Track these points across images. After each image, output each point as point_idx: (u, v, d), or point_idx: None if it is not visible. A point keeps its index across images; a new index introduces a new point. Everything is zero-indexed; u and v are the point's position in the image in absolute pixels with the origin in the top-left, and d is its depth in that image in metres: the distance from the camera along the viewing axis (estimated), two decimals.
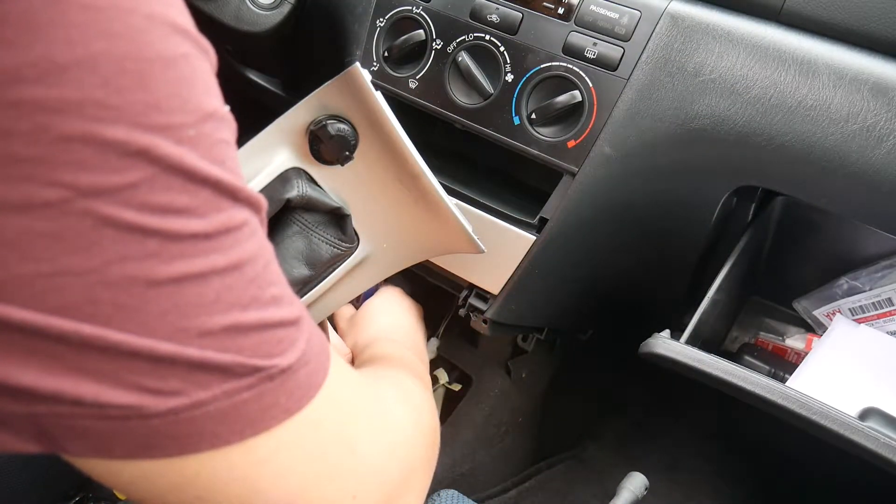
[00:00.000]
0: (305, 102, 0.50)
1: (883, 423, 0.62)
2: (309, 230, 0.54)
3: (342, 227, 0.55)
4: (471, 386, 0.98)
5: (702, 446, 1.16)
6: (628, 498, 0.73)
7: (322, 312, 0.60)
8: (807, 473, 1.11)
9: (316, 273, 0.56)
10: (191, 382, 0.31)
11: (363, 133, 0.52)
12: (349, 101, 0.50)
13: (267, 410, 0.33)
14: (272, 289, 0.34)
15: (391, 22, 0.77)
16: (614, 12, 0.68)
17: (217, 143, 0.32)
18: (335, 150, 0.52)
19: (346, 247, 0.56)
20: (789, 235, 0.86)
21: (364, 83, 0.50)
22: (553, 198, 0.73)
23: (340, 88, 0.50)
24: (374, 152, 0.53)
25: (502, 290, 0.80)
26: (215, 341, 0.31)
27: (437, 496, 0.67)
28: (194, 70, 0.31)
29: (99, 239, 0.28)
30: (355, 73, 0.49)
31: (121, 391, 0.29)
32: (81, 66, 0.27)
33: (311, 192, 0.52)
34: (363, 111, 0.51)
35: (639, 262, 0.86)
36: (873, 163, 0.61)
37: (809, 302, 0.88)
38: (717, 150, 0.67)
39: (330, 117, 0.51)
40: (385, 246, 0.58)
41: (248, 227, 0.33)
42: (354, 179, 0.54)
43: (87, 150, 0.27)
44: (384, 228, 0.57)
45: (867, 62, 0.62)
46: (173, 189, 0.29)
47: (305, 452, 0.36)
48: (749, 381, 0.62)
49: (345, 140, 0.51)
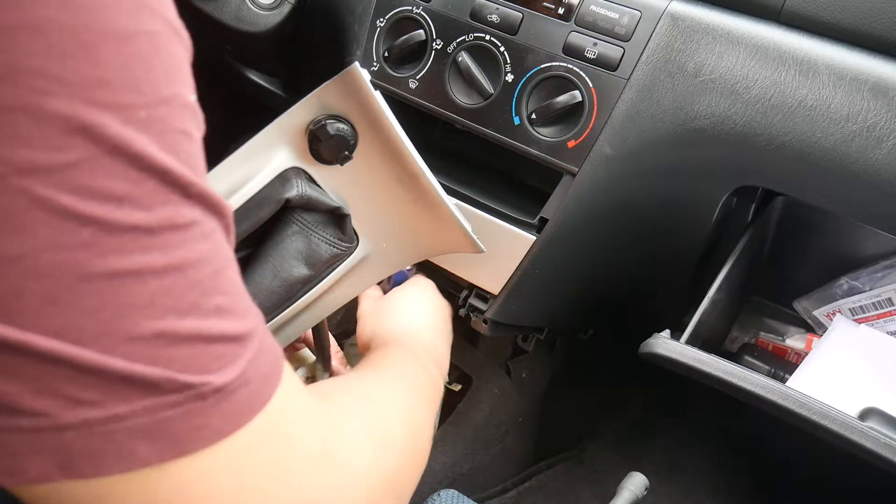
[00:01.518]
0: (305, 102, 0.50)
1: (883, 423, 0.62)
2: (308, 230, 0.54)
3: (341, 227, 0.55)
4: (471, 386, 0.98)
5: (702, 446, 1.16)
6: (628, 498, 0.73)
7: (321, 312, 0.60)
8: (807, 473, 1.11)
9: (315, 272, 0.56)
10: (110, 393, 0.28)
11: (362, 133, 0.52)
12: (348, 100, 0.50)
13: (194, 431, 0.30)
14: (219, 298, 0.31)
15: (391, 22, 0.77)
16: (614, 12, 0.68)
17: (172, 132, 0.29)
18: (334, 150, 0.52)
19: (345, 246, 0.56)
20: (789, 235, 0.86)
21: (363, 83, 0.49)
22: (553, 198, 0.73)
23: (340, 88, 0.50)
24: (374, 152, 0.53)
25: (502, 290, 0.80)
26: (144, 348, 0.28)
27: (437, 496, 0.67)
28: (157, 50, 0.28)
29: (32, 222, 0.26)
30: (354, 73, 0.49)
31: (37, 395, 0.27)
32: (26, 30, 0.25)
33: (311, 191, 0.52)
34: (362, 111, 0.51)
35: (639, 262, 0.86)
36: (873, 163, 0.61)
37: (809, 302, 0.88)
38: (717, 150, 0.67)
39: (329, 117, 0.51)
40: (385, 246, 0.58)
41: (200, 227, 0.30)
42: (354, 179, 0.54)
43: (27, 122, 0.25)
44: (384, 228, 0.57)
45: (867, 62, 0.62)
46: (116, 174, 0.27)
47: (234, 482, 0.32)
48: (749, 381, 0.62)
49: (344, 140, 0.51)
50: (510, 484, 1.03)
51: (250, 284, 0.54)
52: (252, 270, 0.54)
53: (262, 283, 0.54)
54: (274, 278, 0.54)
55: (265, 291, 0.54)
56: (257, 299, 0.54)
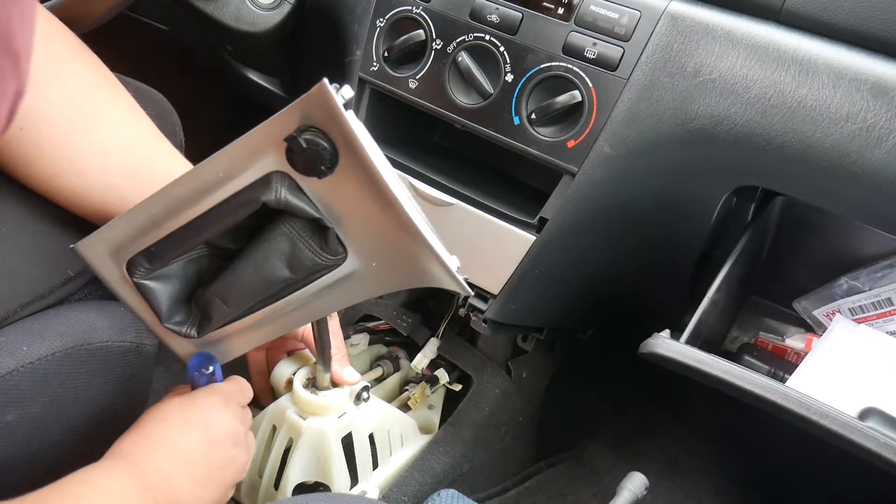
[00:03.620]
0: (287, 110, 0.49)
1: (883, 423, 0.62)
2: (295, 234, 0.54)
3: (325, 238, 0.54)
4: (471, 386, 0.97)
5: (702, 446, 1.16)
6: (628, 498, 0.73)
7: (309, 317, 0.60)
8: (806, 473, 1.11)
9: (297, 277, 0.56)
10: None
11: (342, 150, 0.50)
12: (322, 116, 0.48)
13: None
14: None
15: (391, 22, 0.77)
16: (614, 12, 0.68)
17: None
18: (308, 163, 0.50)
19: (326, 258, 0.55)
20: (789, 235, 0.86)
21: (333, 102, 0.47)
22: (553, 198, 0.73)
23: (311, 104, 0.48)
24: (351, 172, 0.51)
25: (502, 290, 0.80)
26: None
27: (437, 496, 0.67)
28: None
29: None
30: (323, 90, 0.46)
31: None
32: None
33: (290, 198, 0.51)
34: (336, 129, 0.49)
35: (639, 262, 0.86)
36: (873, 163, 0.61)
37: (809, 302, 0.88)
38: (716, 150, 0.67)
39: (306, 129, 0.49)
40: (375, 265, 0.56)
41: None
42: (338, 193, 0.52)
43: None
44: (374, 247, 0.55)
45: (867, 62, 0.62)
46: None
47: None
48: (749, 381, 0.62)
49: (317, 154, 0.49)
50: (510, 484, 1.03)
51: (233, 274, 0.56)
52: (237, 262, 0.56)
53: (244, 275, 0.56)
54: (255, 272, 0.55)
55: (245, 283, 0.56)
56: (237, 289, 0.56)
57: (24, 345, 0.57)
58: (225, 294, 0.57)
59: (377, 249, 0.55)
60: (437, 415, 0.95)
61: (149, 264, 0.56)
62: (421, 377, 0.95)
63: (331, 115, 0.48)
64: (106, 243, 0.56)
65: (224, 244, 0.57)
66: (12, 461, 0.57)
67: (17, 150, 0.58)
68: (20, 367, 0.56)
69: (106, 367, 0.62)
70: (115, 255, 0.56)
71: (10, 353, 0.56)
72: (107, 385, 0.63)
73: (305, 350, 0.75)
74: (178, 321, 0.59)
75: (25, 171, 0.60)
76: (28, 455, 0.58)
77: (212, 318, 0.58)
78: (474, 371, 0.98)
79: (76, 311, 0.62)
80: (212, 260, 0.58)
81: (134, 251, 0.56)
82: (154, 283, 0.57)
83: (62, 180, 0.60)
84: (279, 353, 0.76)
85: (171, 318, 0.59)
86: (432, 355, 0.95)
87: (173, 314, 0.59)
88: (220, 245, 0.57)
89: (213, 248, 0.58)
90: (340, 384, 0.71)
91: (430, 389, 0.93)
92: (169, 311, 0.59)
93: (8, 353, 0.56)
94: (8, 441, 0.56)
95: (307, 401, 0.69)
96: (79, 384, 0.60)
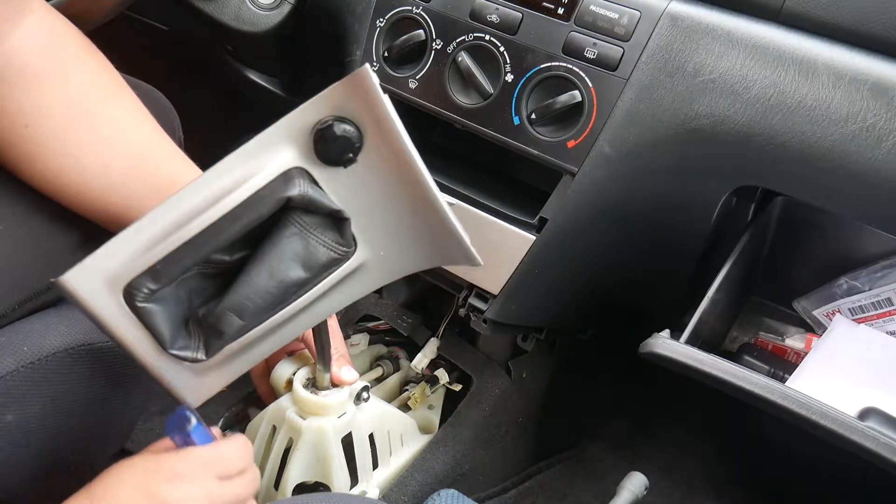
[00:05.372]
0: (314, 101, 0.50)
1: (882, 423, 0.62)
2: (307, 232, 0.54)
3: (341, 231, 0.55)
4: (471, 386, 0.97)
5: (702, 446, 1.16)
6: (628, 498, 0.73)
7: (314, 318, 0.60)
8: (806, 473, 1.11)
9: (311, 276, 0.55)
10: None
11: (368, 136, 0.52)
12: (356, 103, 0.50)
13: None
14: None
15: (391, 22, 0.77)
16: (614, 12, 0.68)
17: None
18: (339, 152, 0.52)
19: (343, 251, 0.56)
20: (789, 235, 0.86)
21: (373, 86, 0.49)
22: (553, 198, 0.74)
23: (349, 90, 0.50)
24: (378, 156, 0.53)
25: (502, 290, 0.80)
26: None
27: (437, 496, 0.67)
28: None
29: None
30: (365, 75, 0.49)
31: None
32: None
33: (312, 192, 0.52)
34: (370, 114, 0.51)
35: (639, 262, 0.86)
36: (873, 163, 0.61)
37: (809, 302, 0.88)
38: (716, 150, 0.67)
39: (337, 118, 0.51)
40: (382, 254, 0.58)
41: None
42: (357, 183, 0.54)
43: None
44: (383, 235, 0.57)
45: (867, 62, 0.62)
46: None
47: None
48: (749, 381, 0.62)
49: (349, 142, 0.51)
50: (510, 484, 1.03)
51: (247, 284, 0.53)
52: (249, 270, 0.54)
53: (259, 283, 0.53)
54: (270, 278, 0.54)
55: (261, 292, 0.54)
56: (253, 299, 0.54)
57: (24, 345, 0.56)
58: (240, 307, 0.54)
59: (387, 236, 0.56)
60: (437, 415, 0.95)
61: (153, 284, 0.51)
62: (421, 377, 0.95)
63: (370, 98, 0.49)
64: (102, 271, 0.50)
65: (219, 258, 0.54)
66: (12, 461, 0.57)
67: (20, 147, 0.58)
68: (20, 367, 0.56)
69: (106, 367, 0.62)
70: (111, 284, 0.51)
71: (10, 353, 0.56)
72: (107, 385, 0.63)
73: (305, 350, 0.75)
74: (182, 346, 0.55)
75: (28, 167, 0.59)
76: (28, 455, 0.58)
77: (223, 334, 0.54)
78: (474, 371, 0.98)
79: (77, 311, 0.61)
80: (203, 278, 0.54)
81: (134, 273, 0.51)
82: (155, 306, 0.52)
83: (65, 178, 0.60)
84: (279, 353, 0.76)
85: (174, 343, 0.54)
86: (432, 355, 0.95)
87: (176, 339, 0.54)
88: (214, 260, 0.53)
89: (204, 265, 0.54)
90: (340, 384, 0.71)
91: (430, 389, 0.93)
92: (172, 335, 0.54)
93: (8, 353, 0.56)
94: (8, 441, 0.56)
95: (307, 401, 0.69)
96: (79, 384, 0.60)
